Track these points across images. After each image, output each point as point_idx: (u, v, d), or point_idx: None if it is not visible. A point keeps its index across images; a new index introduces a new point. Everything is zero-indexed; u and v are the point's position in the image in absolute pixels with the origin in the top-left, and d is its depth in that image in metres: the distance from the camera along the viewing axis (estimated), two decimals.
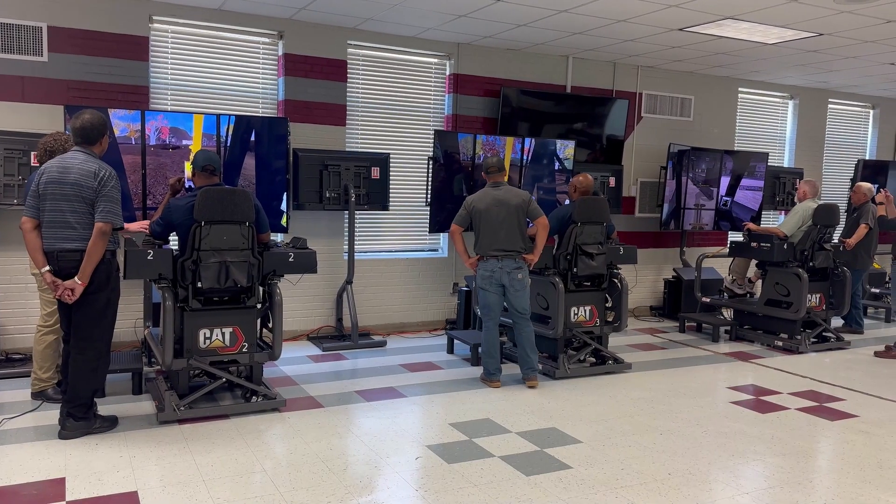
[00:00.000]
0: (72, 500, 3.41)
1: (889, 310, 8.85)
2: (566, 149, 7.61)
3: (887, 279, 9.28)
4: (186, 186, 5.12)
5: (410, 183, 7.51)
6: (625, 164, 8.46)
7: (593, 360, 6.13)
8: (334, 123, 6.96)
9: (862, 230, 7.55)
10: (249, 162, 6.16)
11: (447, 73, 7.58)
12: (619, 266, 6.11)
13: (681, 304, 8.40)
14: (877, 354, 6.95)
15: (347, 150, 7.02)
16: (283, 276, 4.89)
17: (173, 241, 4.86)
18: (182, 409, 4.52)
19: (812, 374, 6.19)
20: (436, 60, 7.53)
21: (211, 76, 6.56)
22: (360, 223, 7.28)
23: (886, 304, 8.96)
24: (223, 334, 4.65)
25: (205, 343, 4.62)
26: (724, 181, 8.73)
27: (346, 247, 6.83)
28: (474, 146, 7.05)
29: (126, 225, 4.55)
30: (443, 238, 7.77)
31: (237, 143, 6.11)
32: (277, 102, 6.83)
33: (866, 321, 8.41)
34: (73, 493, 3.48)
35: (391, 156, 6.98)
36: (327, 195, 6.49)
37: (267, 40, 6.76)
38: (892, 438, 4.58)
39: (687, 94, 8.92)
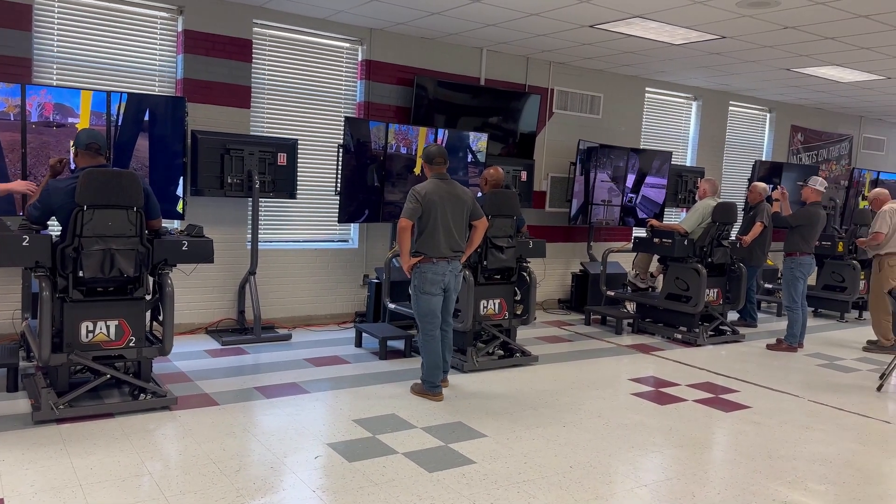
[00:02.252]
0: None
1: (780, 304, 9.31)
2: (479, 141, 7.57)
3: (779, 275, 9.77)
4: (71, 168, 4.73)
5: (320, 171, 7.27)
6: (536, 159, 8.52)
7: (501, 352, 6.12)
8: (238, 105, 6.64)
9: (757, 228, 7.88)
10: (143, 143, 5.77)
11: (359, 58, 7.38)
12: (528, 259, 6.12)
13: (587, 297, 8.56)
14: (769, 347, 7.28)
15: (252, 133, 6.72)
16: (175, 265, 4.59)
17: (55, 228, 4.48)
18: (61, 407, 4.17)
19: (709, 366, 6.41)
20: (347, 45, 7.32)
21: (103, 51, 6.10)
22: (265, 211, 6.99)
23: (778, 298, 9.43)
24: (108, 327, 4.33)
25: (87, 337, 4.29)
26: (630, 178, 8.94)
27: (250, 236, 6.54)
28: (387, 135, 6.89)
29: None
30: (353, 229, 7.58)
31: (129, 123, 5.71)
32: (176, 81, 6.44)
33: (759, 315, 8.82)
34: None
35: (299, 142, 6.72)
36: (229, 181, 6.17)
37: (165, 15, 6.36)
38: (781, 429, 4.77)
39: (596, 91, 9.07)
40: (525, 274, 6.03)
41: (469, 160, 7.53)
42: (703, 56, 7.81)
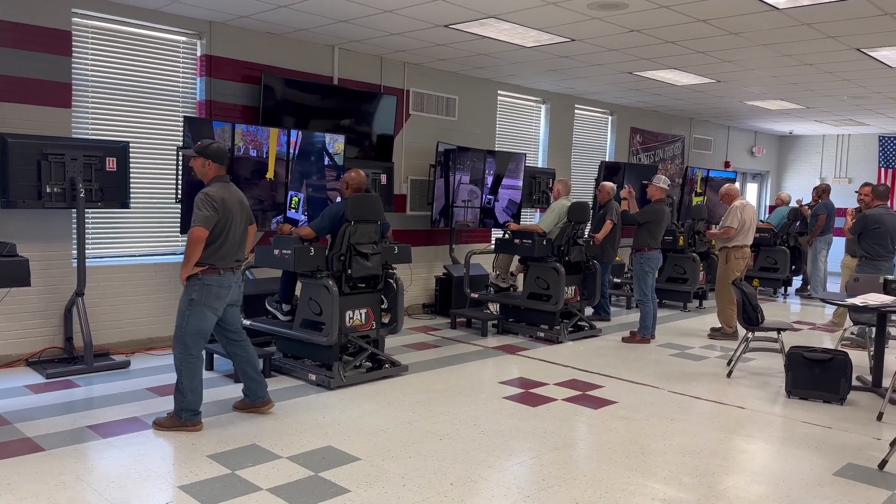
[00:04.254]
0: None
1: (629, 297, 9.76)
2: (336, 143, 7.21)
3: (626, 270, 10.25)
4: None
5: (157, 177, 6.59)
6: (395, 162, 8.30)
7: (370, 365, 5.83)
8: (56, 105, 5.84)
9: (608, 226, 8.17)
10: None
11: (198, 53, 6.77)
12: (394, 266, 5.87)
13: (451, 300, 8.46)
14: (624, 340, 7.54)
15: (75, 136, 5.94)
16: None
17: None
18: None
19: (572, 362, 6.49)
20: (184, 39, 6.68)
21: None
22: (93, 224, 6.21)
23: (626, 293, 9.88)
24: None
25: None
26: (488, 180, 8.97)
27: (76, 252, 5.76)
28: (233, 137, 6.36)
29: None
30: None
31: None
32: None
33: (611, 309, 9.15)
34: None
35: (132, 145, 6.02)
36: (49, 190, 5.39)
37: None
38: (648, 422, 4.87)
39: (452, 93, 9.01)
40: (391, 281, 5.78)
41: (326, 163, 7.16)
42: (552, 59, 7.97)
